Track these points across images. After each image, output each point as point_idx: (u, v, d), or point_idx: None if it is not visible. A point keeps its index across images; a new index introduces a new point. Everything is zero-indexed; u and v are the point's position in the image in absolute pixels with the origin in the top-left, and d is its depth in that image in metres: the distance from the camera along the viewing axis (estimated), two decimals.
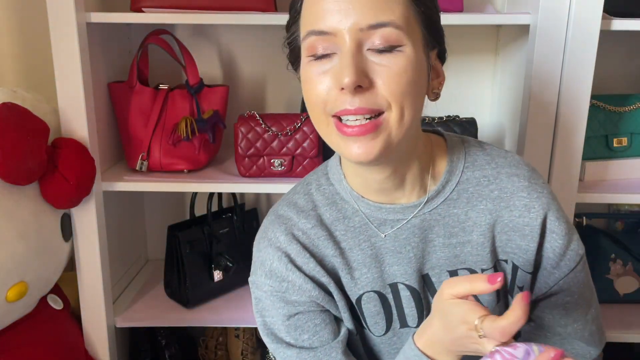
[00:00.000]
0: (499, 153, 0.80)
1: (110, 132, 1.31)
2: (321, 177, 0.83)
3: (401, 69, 0.65)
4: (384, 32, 0.64)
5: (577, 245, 0.77)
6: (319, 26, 0.65)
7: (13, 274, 1.07)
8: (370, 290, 0.79)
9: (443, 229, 0.77)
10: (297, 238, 0.78)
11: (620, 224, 1.47)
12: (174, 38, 1.30)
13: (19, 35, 1.42)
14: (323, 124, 0.69)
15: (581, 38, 1.08)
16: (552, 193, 0.78)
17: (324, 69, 0.66)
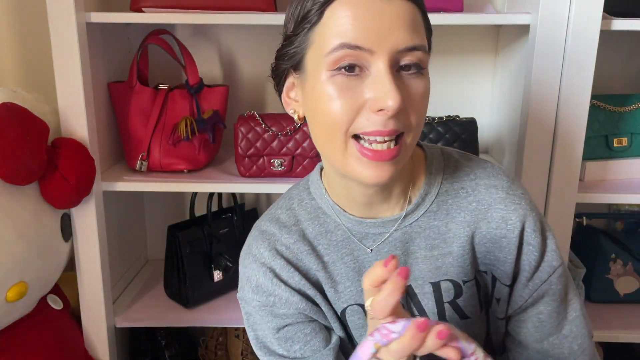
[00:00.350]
0: (478, 164, 0.79)
1: (110, 132, 1.31)
2: (303, 192, 0.83)
3: (425, 92, 0.66)
4: (417, 55, 0.64)
5: (551, 256, 0.76)
6: (355, 40, 0.63)
7: (13, 274, 1.07)
8: (354, 304, 0.80)
9: (424, 241, 0.77)
10: (280, 253, 0.79)
11: (620, 224, 1.47)
12: (174, 38, 1.30)
13: (19, 35, 1.42)
14: (338, 144, 0.66)
15: (581, 38, 1.08)
16: (531, 203, 0.77)
17: (350, 86, 0.64)
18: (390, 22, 0.63)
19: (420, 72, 0.66)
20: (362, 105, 0.64)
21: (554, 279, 0.76)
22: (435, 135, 1.21)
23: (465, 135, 1.21)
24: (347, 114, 0.64)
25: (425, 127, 1.21)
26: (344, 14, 0.63)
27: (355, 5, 0.63)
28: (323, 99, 0.65)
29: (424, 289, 0.78)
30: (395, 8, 0.63)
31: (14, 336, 1.13)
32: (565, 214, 1.17)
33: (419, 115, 0.66)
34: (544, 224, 0.77)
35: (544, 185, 1.16)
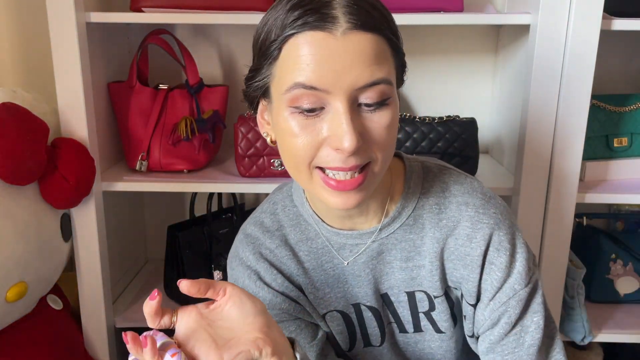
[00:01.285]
0: (457, 180, 0.78)
1: (110, 132, 1.30)
2: (286, 198, 0.83)
3: (390, 123, 0.65)
4: (377, 90, 0.63)
5: (515, 279, 0.73)
6: (309, 81, 0.62)
7: (13, 274, 1.07)
8: (334, 310, 0.81)
9: (400, 253, 0.77)
10: (264, 256, 0.80)
11: (620, 224, 1.47)
12: (173, 38, 1.30)
13: (19, 35, 1.42)
14: (304, 175, 0.67)
15: (581, 38, 1.08)
16: (502, 223, 0.75)
17: (310, 123, 0.64)
18: (346, 60, 0.61)
19: (384, 104, 0.64)
20: (322, 142, 0.64)
21: (512, 302, 0.73)
22: (435, 135, 1.21)
23: (465, 135, 1.21)
24: (308, 149, 0.65)
25: (425, 127, 1.21)
26: (299, 53, 0.62)
27: (310, 43, 0.61)
28: (286, 133, 0.66)
29: (399, 297, 0.79)
30: (352, 44, 0.61)
31: (14, 336, 1.12)
32: (565, 214, 1.17)
33: (385, 146, 0.66)
34: (515, 245, 0.75)
35: (544, 185, 1.16)
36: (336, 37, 0.61)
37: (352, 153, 0.62)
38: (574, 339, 1.27)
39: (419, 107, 1.48)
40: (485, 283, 0.75)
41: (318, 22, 0.61)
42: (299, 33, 0.62)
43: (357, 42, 0.61)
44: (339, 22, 0.61)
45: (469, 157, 1.22)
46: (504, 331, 0.74)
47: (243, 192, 1.49)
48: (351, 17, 0.61)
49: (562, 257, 1.20)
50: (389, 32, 0.65)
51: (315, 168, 0.66)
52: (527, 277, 0.74)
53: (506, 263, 0.73)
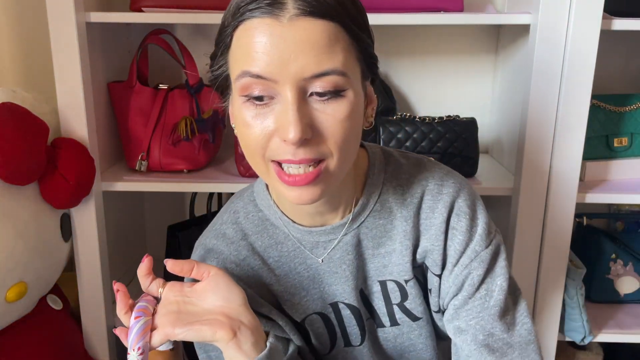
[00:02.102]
0: (416, 162, 0.79)
1: (109, 132, 1.30)
2: (248, 204, 0.81)
3: (344, 116, 0.62)
4: (328, 80, 0.60)
5: (476, 241, 0.74)
6: (255, 69, 0.60)
7: (13, 274, 1.07)
8: (313, 313, 0.79)
9: (372, 241, 0.77)
10: (230, 272, 0.77)
11: (620, 224, 1.47)
12: (173, 38, 1.30)
13: (18, 35, 1.42)
14: (261, 167, 0.66)
15: (581, 38, 1.08)
16: (461, 190, 0.76)
17: (261, 113, 0.62)
18: (292, 48, 0.59)
19: (338, 96, 0.62)
20: (272, 133, 0.62)
21: (474, 264, 0.74)
22: (435, 135, 1.21)
23: (465, 135, 1.21)
24: (259, 140, 0.63)
25: (425, 127, 1.21)
26: (247, 40, 0.61)
27: (257, 31, 0.60)
28: (241, 122, 0.65)
29: (374, 288, 0.79)
30: (299, 31, 0.59)
31: (14, 336, 1.12)
32: (565, 214, 1.17)
33: (340, 141, 0.63)
34: (475, 210, 0.76)
35: (544, 185, 1.16)
36: (282, 23, 0.59)
37: (297, 144, 0.60)
38: (574, 339, 1.27)
39: (419, 107, 1.48)
40: (449, 249, 0.75)
41: (266, 8, 0.59)
42: (247, 19, 0.61)
43: (304, 29, 0.59)
44: (287, 7, 0.59)
45: (469, 157, 1.22)
46: (467, 294, 0.74)
47: None
48: (300, 3, 0.59)
49: (562, 257, 1.20)
50: (348, 19, 0.62)
51: (271, 161, 0.65)
52: (488, 239, 0.75)
53: (467, 226, 0.74)
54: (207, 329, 0.64)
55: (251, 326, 0.67)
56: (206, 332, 0.64)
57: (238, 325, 0.65)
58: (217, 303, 0.67)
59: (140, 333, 0.64)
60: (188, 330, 0.64)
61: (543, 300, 1.23)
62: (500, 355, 0.72)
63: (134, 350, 0.63)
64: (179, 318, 0.66)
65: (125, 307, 0.69)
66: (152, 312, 0.67)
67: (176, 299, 0.68)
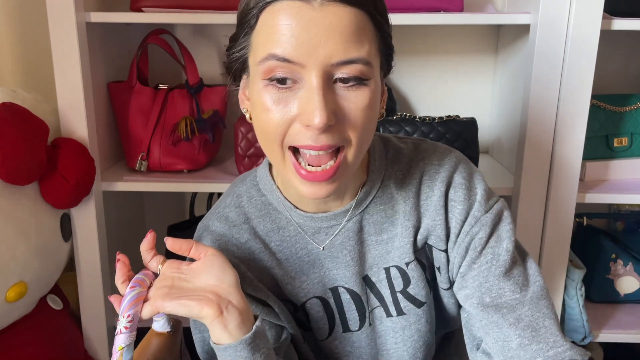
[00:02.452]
0: (414, 145, 0.80)
1: (109, 132, 1.30)
2: (251, 188, 0.81)
3: (366, 105, 0.63)
4: (354, 68, 0.61)
5: (476, 208, 0.74)
6: (283, 53, 0.60)
7: (13, 274, 1.07)
8: (313, 297, 0.80)
9: (373, 227, 0.77)
10: (232, 253, 0.78)
11: (620, 224, 1.47)
12: (173, 38, 1.30)
13: (19, 35, 1.42)
14: (277, 155, 0.66)
15: (581, 38, 1.08)
16: (458, 164, 0.76)
17: (283, 98, 0.62)
18: (322, 33, 0.59)
19: (362, 84, 0.62)
20: (294, 118, 0.62)
21: (475, 229, 0.74)
22: (435, 135, 1.21)
23: (465, 135, 1.21)
24: (279, 126, 0.63)
25: (425, 127, 1.21)
26: (275, 22, 0.60)
27: (287, 14, 0.59)
28: (259, 107, 0.64)
29: (380, 275, 0.79)
30: (330, 16, 0.59)
31: (13, 336, 1.12)
32: (565, 214, 1.17)
33: (360, 129, 0.63)
34: (472, 180, 0.76)
35: (544, 185, 1.16)
36: (314, 7, 0.59)
37: (322, 130, 0.60)
38: (574, 339, 1.27)
39: (419, 107, 1.48)
40: (450, 221, 0.75)
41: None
42: (277, 1, 0.60)
43: (335, 15, 0.59)
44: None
45: (469, 157, 1.21)
46: (471, 259, 0.73)
47: None
48: None
49: (562, 257, 1.20)
50: (373, 9, 0.62)
51: (288, 149, 0.64)
52: (487, 205, 0.74)
53: (465, 196, 0.74)
54: (195, 304, 0.65)
55: (239, 307, 0.67)
56: (194, 308, 0.65)
57: (226, 304, 0.66)
58: (209, 282, 0.68)
59: (133, 302, 0.66)
60: (177, 304, 0.66)
61: None
62: (508, 312, 0.70)
63: (123, 317, 0.66)
64: (171, 293, 0.67)
65: (123, 276, 0.72)
66: (148, 286, 0.70)
67: (172, 275, 0.70)
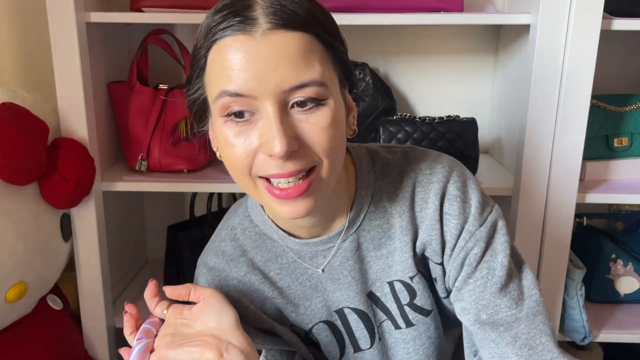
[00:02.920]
0: (403, 155, 0.78)
1: (109, 132, 1.30)
2: (244, 220, 0.81)
3: (328, 124, 0.62)
4: (308, 91, 0.60)
5: (470, 222, 0.73)
6: (234, 88, 0.60)
7: (13, 274, 1.07)
8: (319, 322, 0.80)
9: (371, 243, 0.77)
10: (233, 289, 0.78)
11: (620, 224, 1.47)
12: (173, 38, 1.30)
13: (19, 35, 1.42)
14: (249, 186, 0.66)
15: (581, 38, 1.08)
16: (451, 174, 0.74)
17: (243, 131, 0.62)
18: (268, 62, 0.58)
19: (319, 104, 0.61)
20: (257, 149, 0.62)
21: (469, 244, 0.73)
22: (435, 135, 1.21)
23: (465, 135, 1.21)
24: (244, 159, 0.63)
25: (425, 127, 1.21)
26: (222, 59, 0.60)
27: (231, 49, 0.59)
28: (223, 143, 0.64)
29: (384, 289, 0.78)
30: (273, 44, 0.59)
31: (13, 336, 1.12)
32: (565, 214, 1.17)
33: (327, 149, 0.63)
34: (466, 191, 0.74)
35: (544, 185, 1.16)
36: (256, 38, 0.59)
37: (284, 158, 0.60)
38: (574, 339, 1.27)
39: (419, 107, 1.48)
40: (445, 235, 0.74)
41: (238, 25, 0.59)
42: (220, 38, 0.60)
43: (279, 42, 0.59)
44: (258, 22, 0.59)
45: (469, 157, 1.22)
46: (466, 274, 0.73)
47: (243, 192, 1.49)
48: (272, 17, 0.59)
49: (562, 257, 1.20)
50: (321, 30, 0.62)
51: (258, 178, 0.64)
52: (482, 218, 0.73)
53: (459, 209, 0.73)
54: (196, 350, 0.66)
55: (241, 346, 0.68)
56: (195, 354, 0.66)
57: (226, 345, 0.67)
58: (209, 324, 0.69)
59: (140, 354, 0.68)
60: (179, 352, 0.67)
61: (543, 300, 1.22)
62: (505, 330, 0.71)
63: None
64: (173, 341, 0.68)
65: (130, 328, 0.72)
66: (155, 335, 0.71)
67: (175, 322, 0.71)
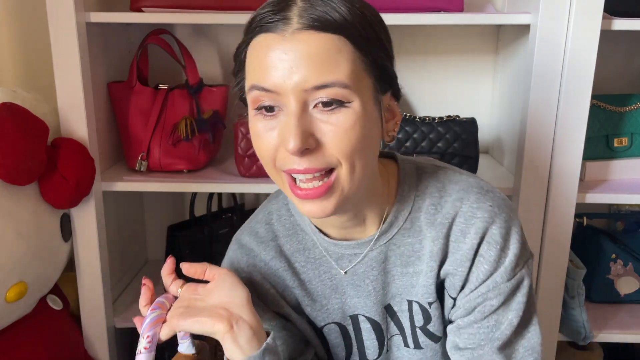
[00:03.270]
0: (453, 178, 0.77)
1: (109, 132, 1.30)
2: (282, 207, 0.82)
3: (349, 126, 0.62)
4: (330, 92, 0.61)
5: (500, 273, 0.71)
6: (262, 82, 0.63)
7: (13, 274, 1.07)
8: (331, 322, 0.80)
9: (399, 259, 0.76)
10: (258, 269, 0.80)
11: (620, 224, 1.47)
12: (173, 38, 1.30)
13: (19, 35, 1.42)
14: (276, 177, 0.69)
15: (581, 38, 1.08)
16: (498, 216, 0.72)
17: (270, 125, 0.64)
18: (294, 60, 0.61)
19: (342, 106, 0.62)
20: (279, 144, 0.64)
21: (490, 294, 0.72)
22: (435, 135, 1.21)
23: (465, 135, 1.21)
24: (269, 151, 0.65)
25: (425, 127, 1.21)
26: (256, 55, 0.64)
27: (264, 46, 0.63)
28: (253, 134, 0.67)
29: (402, 306, 0.78)
30: (301, 45, 0.61)
31: (13, 336, 1.12)
32: (565, 214, 1.17)
33: (348, 151, 0.63)
34: (508, 239, 0.72)
35: (544, 185, 1.16)
36: (285, 37, 0.61)
37: (298, 154, 0.62)
38: (574, 339, 1.27)
39: (419, 107, 1.48)
40: (471, 275, 0.73)
41: (272, 24, 0.62)
42: (256, 36, 0.64)
43: (306, 42, 0.61)
44: (290, 22, 0.61)
45: (469, 157, 1.22)
46: (474, 319, 0.73)
47: (243, 192, 1.49)
48: (304, 18, 0.61)
49: (562, 257, 1.20)
50: (355, 33, 0.63)
51: (283, 172, 0.66)
52: (512, 272, 0.72)
53: (495, 257, 0.71)
54: (208, 320, 0.68)
55: (250, 322, 0.69)
56: (206, 324, 0.68)
57: (236, 319, 0.68)
58: (222, 299, 0.70)
59: (152, 323, 0.71)
60: (190, 322, 0.69)
61: (543, 300, 1.22)
62: None
63: (143, 338, 0.72)
64: (185, 312, 0.70)
65: (145, 300, 0.75)
66: (168, 308, 0.73)
67: (189, 297, 0.73)
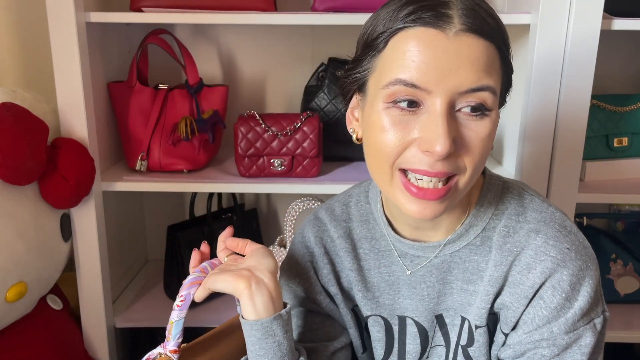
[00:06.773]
0: (538, 207, 0.72)
1: (109, 132, 1.30)
2: (362, 193, 0.84)
3: (486, 136, 0.62)
4: (481, 96, 0.61)
5: (559, 325, 0.67)
6: (411, 78, 0.60)
7: (13, 274, 1.07)
8: (379, 315, 0.80)
9: (462, 273, 0.74)
10: (323, 242, 0.82)
11: (620, 224, 1.47)
12: (173, 38, 1.30)
13: (19, 35, 1.42)
14: (385, 175, 0.66)
15: (581, 38, 1.08)
16: (572, 262, 0.68)
17: (405, 121, 0.62)
18: (454, 62, 0.59)
19: (484, 114, 0.62)
20: (411, 142, 0.62)
21: (544, 344, 0.68)
22: None
23: None
24: (395, 147, 0.63)
25: None
26: (406, 48, 0.61)
27: (419, 40, 0.60)
28: (376, 128, 0.64)
29: (455, 320, 0.76)
30: (463, 46, 0.59)
31: (13, 336, 1.12)
32: None
33: (477, 159, 0.63)
34: (578, 290, 0.67)
35: (544, 185, 1.16)
36: (448, 36, 0.59)
37: (442, 158, 0.60)
38: None
39: None
40: (526, 315, 0.69)
41: (432, 19, 0.60)
42: (409, 27, 0.61)
43: (468, 45, 0.60)
44: (453, 22, 0.59)
45: None
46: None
47: (243, 192, 1.49)
48: (466, 20, 0.60)
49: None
50: (502, 43, 0.63)
51: (398, 170, 0.64)
52: (572, 326, 0.67)
53: (557, 305, 0.67)
54: (230, 277, 0.71)
55: (270, 288, 0.71)
56: (229, 282, 0.70)
57: (257, 280, 0.70)
58: (251, 263, 0.74)
59: (188, 284, 0.75)
60: (217, 278, 0.72)
61: None
62: None
63: (179, 297, 0.76)
64: (216, 273, 0.73)
65: (194, 262, 0.80)
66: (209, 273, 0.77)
67: (228, 263, 0.77)
